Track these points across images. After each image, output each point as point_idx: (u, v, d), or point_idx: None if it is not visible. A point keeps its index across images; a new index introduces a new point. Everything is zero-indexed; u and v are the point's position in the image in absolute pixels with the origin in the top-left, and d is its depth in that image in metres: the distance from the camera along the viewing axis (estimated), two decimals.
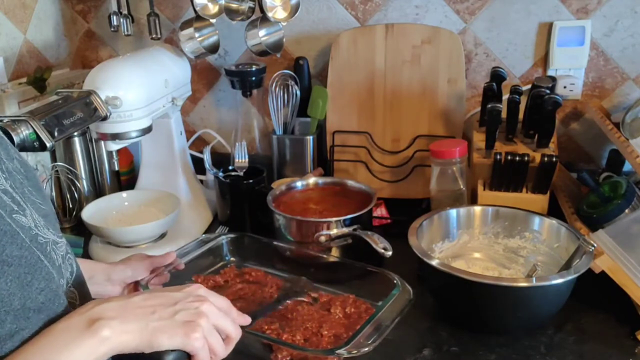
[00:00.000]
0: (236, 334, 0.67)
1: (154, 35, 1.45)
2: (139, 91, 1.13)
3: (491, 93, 1.24)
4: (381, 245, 1.06)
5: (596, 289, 0.95)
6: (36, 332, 0.58)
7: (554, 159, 1.11)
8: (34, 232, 0.61)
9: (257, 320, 0.94)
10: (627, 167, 1.25)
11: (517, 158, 1.12)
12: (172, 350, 0.61)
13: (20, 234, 0.58)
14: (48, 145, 0.92)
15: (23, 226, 0.60)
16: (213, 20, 1.27)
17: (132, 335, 0.58)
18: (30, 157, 1.34)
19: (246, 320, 0.71)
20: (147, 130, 1.16)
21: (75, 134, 1.34)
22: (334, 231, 1.11)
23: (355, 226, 1.12)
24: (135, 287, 0.94)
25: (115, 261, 0.98)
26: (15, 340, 0.56)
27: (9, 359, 0.55)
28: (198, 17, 1.25)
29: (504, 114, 1.18)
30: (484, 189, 1.19)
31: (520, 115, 1.22)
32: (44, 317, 0.59)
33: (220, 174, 1.30)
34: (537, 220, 1.07)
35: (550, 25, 1.34)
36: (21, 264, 0.57)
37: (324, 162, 1.45)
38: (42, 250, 0.61)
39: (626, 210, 1.02)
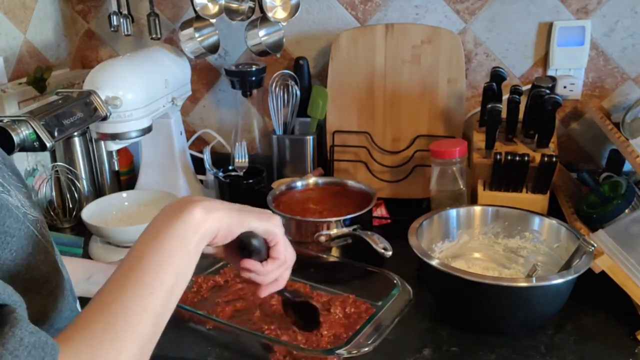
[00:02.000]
0: (292, 260, 0.74)
1: (154, 35, 1.45)
2: (139, 91, 1.13)
3: (491, 93, 1.24)
4: (381, 245, 1.06)
5: (596, 289, 0.95)
6: (48, 303, 0.59)
7: (554, 159, 1.11)
8: (22, 210, 0.61)
9: (258, 320, 0.94)
10: (627, 167, 1.25)
11: (517, 158, 1.12)
12: (255, 238, 0.68)
13: (13, 210, 0.59)
14: (48, 145, 0.92)
15: (13, 204, 0.60)
16: (213, 20, 1.27)
17: (223, 212, 0.63)
18: (30, 157, 1.35)
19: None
20: (147, 130, 1.17)
21: (75, 134, 1.34)
22: (334, 231, 1.11)
23: (355, 226, 1.12)
24: None
25: (115, 261, 0.97)
26: (31, 311, 0.56)
27: (126, 257, 0.59)
28: (198, 17, 1.26)
29: (504, 114, 1.18)
30: (484, 189, 1.19)
31: (520, 115, 1.22)
32: (52, 287, 0.61)
33: (220, 174, 1.30)
34: (537, 220, 1.07)
35: (550, 25, 1.34)
36: (21, 236, 0.58)
37: (324, 162, 1.45)
38: (34, 226, 0.62)
39: (626, 210, 1.03)
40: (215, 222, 0.63)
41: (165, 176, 1.34)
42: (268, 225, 0.68)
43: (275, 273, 0.73)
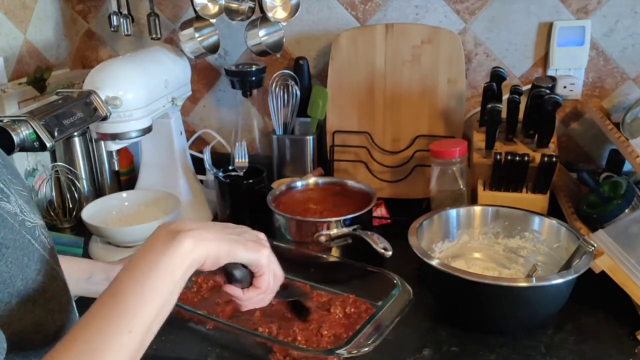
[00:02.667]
0: (281, 275, 0.74)
1: (154, 35, 1.45)
2: (139, 91, 1.13)
3: (491, 93, 1.24)
4: (381, 245, 1.06)
5: (596, 289, 0.95)
6: (46, 313, 0.59)
7: (554, 159, 1.11)
8: (20, 218, 0.61)
9: (257, 320, 0.94)
10: (627, 167, 1.25)
11: (517, 158, 1.12)
12: (238, 269, 0.70)
13: (9, 219, 0.59)
14: (48, 145, 0.92)
15: (9, 212, 0.60)
16: (213, 20, 1.27)
17: (212, 243, 0.63)
18: (30, 157, 1.35)
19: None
20: (147, 130, 1.16)
21: (75, 134, 1.34)
22: (334, 231, 1.11)
23: (355, 226, 1.12)
24: None
25: (115, 260, 0.97)
26: (27, 322, 0.57)
27: (110, 287, 0.58)
28: (198, 17, 1.26)
29: (504, 114, 1.18)
30: (484, 189, 1.19)
31: (520, 115, 1.22)
32: (49, 296, 0.60)
33: (220, 174, 1.30)
34: (537, 220, 1.07)
35: (550, 25, 1.34)
36: (17, 247, 0.58)
37: (324, 162, 1.45)
38: (31, 234, 0.62)
39: (626, 210, 1.03)
40: (204, 252, 0.62)
41: (165, 176, 1.34)
42: (256, 257, 0.68)
43: (256, 299, 0.73)
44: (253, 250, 0.67)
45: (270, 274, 0.72)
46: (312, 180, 1.29)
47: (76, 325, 0.55)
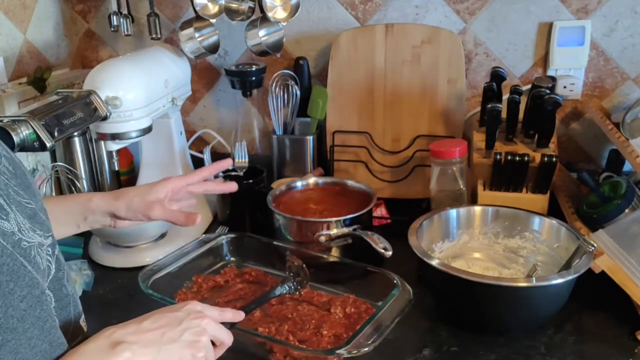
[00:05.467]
0: (229, 341, 0.73)
1: (154, 35, 1.45)
2: (139, 91, 1.13)
3: (491, 93, 1.24)
4: (381, 245, 1.06)
5: (596, 289, 0.95)
6: (24, 342, 0.58)
7: (554, 159, 1.12)
8: (17, 237, 0.60)
9: (257, 320, 0.94)
10: (627, 167, 1.25)
11: (517, 158, 1.12)
12: None
13: (1, 241, 0.57)
14: (48, 145, 0.92)
15: (5, 232, 0.59)
16: (213, 20, 1.27)
17: (148, 357, 0.64)
18: (30, 157, 1.34)
19: (240, 316, 0.77)
20: (147, 130, 1.16)
21: (75, 134, 1.34)
22: (334, 231, 1.11)
23: (355, 226, 1.12)
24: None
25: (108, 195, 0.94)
26: (3, 353, 0.56)
27: None
28: (198, 17, 1.26)
29: (504, 114, 1.18)
30: (484, 189, 1.19)
31: (520, 115, 1.22)
32: (28, 325, 0.59)
33: (220, 174, 1.30)
34: (537, 220, 1.07)
35: (550, 25, 1.34)
36: (2, 272, 0.56)
37: (324, 162, 1.45)
38: (26, 255, 0.60)
39: (626, 210, 1.03)
40: None
41: (165, 176, 1.33)
42: None
43: None
44: (189, 358, 0.67)
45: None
46: (312, 180, 1.29)
47: None
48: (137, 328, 0.66)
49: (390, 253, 1.04)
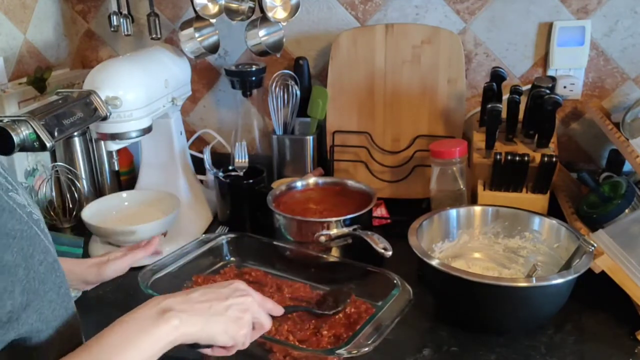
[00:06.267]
0: (268, 325, 0.77)
1: (154, 35, 1.45)
2: (139, 91, 1.13)
3: (491, 93, 1.24)
4: (381, 245, 1.06)
5: (596, 289, 0.95)
6: (45, 304, 0.62)
7: (554, 159, 1.12)
8: (28, 210, 0.64)
9: None
10: (627, 167, 1.25)
11: (517, 158, 1.12)
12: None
13: (18, 211, 0.61)
14: (48, 145, 0.92)
15: (19, 204, 0.62)
16: (213, 20, 1.27)
17: (196, 327, 0.67)
18: (30, 157, 1.35)
19: (279, 310, 0.81)
20: (147, 130, 1.16)
21: (75, 134, 1.34)
22: (334, 231, 1.11)
23: (355, 226, 1.12)
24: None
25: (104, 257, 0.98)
26: (29, 312, 0.59)
27: (86, 345, 0.61)
28: (198, 17, 1.26)
29: (504, 114, 1.18)
30: (484, 189, 1.19)
31: (520, 115, 1.22)
32: (47, 288, 0.63)
33: (220, 174, 1.30)
34: (537, 220, 1.07)
35: (550, 25, 1.34)
36: (23, 237, 0.60)
37: (324, 162, 1.45)
38: (37, 226, 0.64)
39: (626, 210, 1.03)
40: (188, 334, 0.67)
41: (165, 176, 1.34)
42: (235, 338, 0.72)
43: (223, 353, 0.76)
44: (231, 336, 0.71)
45: (234, 349, 0.75)
46: (312, 180, 1.29)
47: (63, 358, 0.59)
48: (185, 299, 0.69)
49: (390, 253, 1.04)
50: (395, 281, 0.94)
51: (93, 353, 0.60)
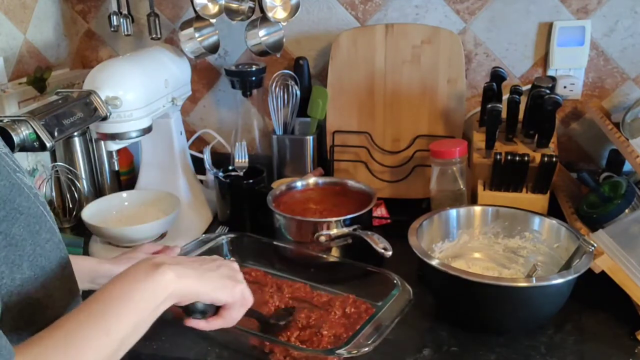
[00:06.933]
0: (252, 299, 0.78)
1: (154, 35, 1.45)
2: (139, 91, 1.13)
3: (491, 93, 1.24)
4: (381, 245, 1.06)
5: (596, 289, 0.95)
6: (53, 281, 0.64)
7: (554, 159, 1.11)
8: (34, 191, 0.66)
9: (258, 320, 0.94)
10: (627, 167, 1.25)
11: (517, 158, 1.12)
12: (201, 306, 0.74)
13: (25, 190, 0.63)
14: (48, 145, 0.92)
15: (26, 184, 0.64)
16: (213, 20, 1.27)
17: (193, 280, 0.69)
18: (30, 157, 1.35)
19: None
20: (147, 130, 1.16)
21: (75, 134, 1.34)
22: (334, 231, 1.11)
23: (355, 226, 1.12)
24: None
25: (115, 257, 0.98)
26: (37, 285, 0.61)
27: (84, 303, 0.63)
28: (198, 17, 1.26)
29: (504, 114, 1.18)
30: (484, 189, 1.19)
31: (520, 115, 1.22)
32: (53, 266, 0.65)
33: (220, 174, 1.30)
34: (537, 220, 1.07)
35: (550, 25, 1.34)
36: (30, 214, 0.62)
37: (324, 162, 1.45)
38: (44, 207, 0.66)
39: (626, 210, 1.03)
40: (185, 288, 0.68)
41: (165, 176, 1.33)
42: (231, 295, 0.74)
43: (219, 325, 0.77)
44: (230, 290, 0.73)
45: (238, 307, 0.76)
46: (312, 180, 1.29)
47: (62, 318, 0.60)
48: (175, 259, 0.71)
49: (390, 253, 1.04)
50: (395, 281, 0.94)
51: (92, 310, 0.61)
